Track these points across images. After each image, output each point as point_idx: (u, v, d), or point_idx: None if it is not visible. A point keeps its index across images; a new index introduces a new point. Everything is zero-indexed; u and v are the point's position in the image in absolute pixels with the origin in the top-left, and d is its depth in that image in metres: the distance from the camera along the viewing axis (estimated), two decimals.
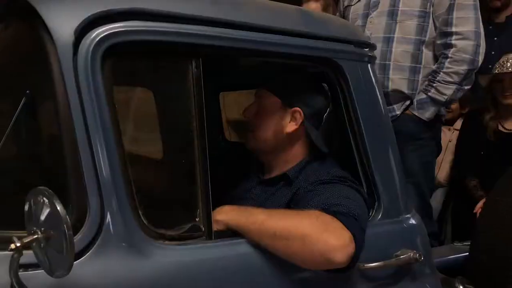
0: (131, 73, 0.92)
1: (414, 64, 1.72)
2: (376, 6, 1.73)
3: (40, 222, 0.63)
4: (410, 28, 1.69)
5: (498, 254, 1.23)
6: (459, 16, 1.67)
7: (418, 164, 1.71)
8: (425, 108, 1.73)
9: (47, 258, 0.64)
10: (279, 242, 0.87)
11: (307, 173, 1.11)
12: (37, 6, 0.83)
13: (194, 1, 0.97)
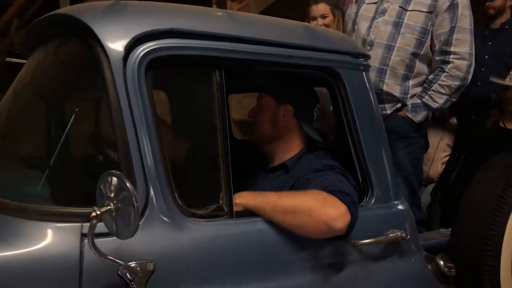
0: (168, 80, 1.11)
1: (407, 72, 1.91)
2: (383, 13, 1.90)
3: (109, 197, 0.82)
4: (410, 41, 1.87)
5: (475, 235, 1.43)
6: (458, 38, 1.87)
7: (408, 160, 1.90)
8: (418, 111, 1.93)
9: (115, 225, 0.83)
10: (289, 216, 1.07)
11: (302, 163, 1.32)
12: (93, 26, 1.03)
13: (218, 21, 1.17)
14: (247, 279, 1.05)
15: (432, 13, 1.86)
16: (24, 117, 1.29)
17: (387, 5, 1.91)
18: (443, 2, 1.85)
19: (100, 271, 0.91)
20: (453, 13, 1.85)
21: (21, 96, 1.33)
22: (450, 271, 1.36)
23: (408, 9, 1.87)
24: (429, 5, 1.86)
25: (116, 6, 1.11)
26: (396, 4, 1.89)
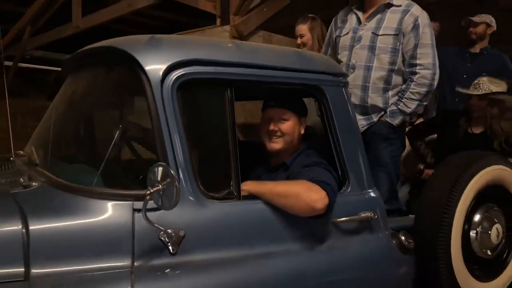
0: (193, 97, 1.47)
1: (386, 85, 2.27)
2: (359, 41, 2.27)
3: (158, 181, 1.18)
4: (384, 60, 2.24)
5: (432, 219, 1.79)
6: (421, 52, 2.22)
7: (388, 157, 2.26)
8: (395, 116, 2.28)
9: (161, 200, 1.19)
10: (282, 199, 1.44)
11: (297, 161, 1.69)
12: (137, 56, 1.40)
13: (228, 51, 1.55)
14: (250, 244, 1.41)
15: (398, 35, 2.22)
16: (82, 124, 1.66)
17: (362, 32, 2.27)
18: (407, 24, 2.22)
19: (146, 235, 1.27)
20: (416, 32, 2.21)
21: (74, 107, 1.70)
22: (409, 244, 1.73)
23: (379, 34, 2.24)
24: (395, 28, 2.22)
25: (153, 40, 1.48)
26: (369, 31, 2.26)
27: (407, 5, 2.26)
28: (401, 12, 2.24)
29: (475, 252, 1.91)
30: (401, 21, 2.22)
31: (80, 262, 1.19)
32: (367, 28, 2.28)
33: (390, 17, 2.25)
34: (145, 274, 1.23)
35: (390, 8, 2.27)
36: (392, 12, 2.26)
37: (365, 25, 2.29)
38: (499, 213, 1.96)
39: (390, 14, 2.26)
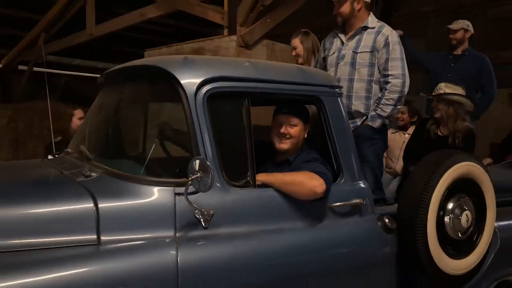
0: (219, 106, 1.85)
1: (367, 94, 2.68)
2: (343, 58, 2.71)
3: (196, 170, 1.56)
4: (363, 73, 2.67)
5: (411, 205, 2.16)
6: (392, 64, 2.64)
7: (372, 155, 2.66)
8: (375, 120, 2.68)
9: (199, 185, 1.57)
10: (289, 186, 1.82)
11: (299, 157, 2.07)
12: (175, 73, 1.77)
13: (246, 69, 1.93)
14: (264, 222, 1.79)
15: (373, 51, 2.66)
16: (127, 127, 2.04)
17: (344, 51, 2.72)
18: (380, 43, 2.65)
19: (184, 213, 1.65)
20: (387, 49, 2.64)
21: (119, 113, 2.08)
22: (392, 226, 2.11)
23: (357, 51, 2.68)
24: (371, 46, 2.66)
25: (186, 60, 1.86)
26: (350, 50, 2.70)
27: (380, 27, 2.71)
28: (374, 33, 2.69)
29: (448, 234, 2.28)
30: (375, 40, 2.67)
31: (137, 232, 1.57)
32: (348, 47, 2.72)
33: (366, 37, 2.70)
34: (184, 242, 1.60)
35: (366, 30, 2.72)
36: (368, 33, 2.71)
37: (347, 45, 2.74)
38: (469, 202, 2.34)
39: (366, 35, 2.71)
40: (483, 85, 3.90)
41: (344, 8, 2.74)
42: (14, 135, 6.19)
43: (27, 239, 1.44)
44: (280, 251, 1.78)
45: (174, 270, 1.51)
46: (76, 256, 1.44)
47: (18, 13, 7.52)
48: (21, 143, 6.18)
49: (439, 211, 2.24)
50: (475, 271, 2.42)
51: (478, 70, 3.89)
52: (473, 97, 3.90)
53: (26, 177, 1.96)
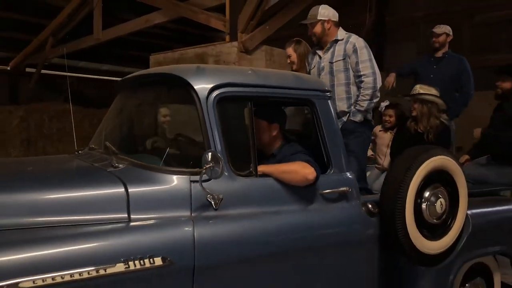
0: (227, 108, 2.18)
1: (347, 95, 3.15)
2: (323, 70, 3.21)
3: (209, 161, 1.89)
4: (341, 78, 3.15)
5: (392, 192, 2.50)
6: (362, 66, 3.11)
7: (356, 146, 3.08)
8: (356, 115, 3.12)
9: (211, 173, 1.90)
10: (285, 175, 2.15)
11: (283, 150, 2.40)
12: (190, 80, 2.11)
13: (249, 76, 2.26)
14: (264, 205, 2.12)
15: (345, 58, 3.14)
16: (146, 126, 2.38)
17: (323, 64, 3.22)
18: (349, 50, 3.13)
19: (198, 197, 1.97)
20: (356, 54, 3.12)
21: (138, 114, 2.42)
22: (374, 210, 2.45)
23: (333, 61, 3.18)
24: (342, 54, 3.15)
25: (199, 69, 2.19)
26: (327, 61, 3.20)
27: (347, 37, 3.21)
28: (344, 43, 3.19)
29: (424, 219, 2.62)
30: (345, 49, 3.16)
31: (160, 212, 1.90)
32: (325, 60, 3.23)
33: (338, 48, 3.20)
34: (199, 221, 1.93)
35: (337, 42, 3.22)
36: (338, 44, 3.21)
37: (324, 58, 3.25)
38: (443, 191, 2.68)
39: (338, 46, 3.21)
40: (461, 85, 4.25)
41: (316, 29, 3.25)
42: (26, 134, 6.52)
43: (73, 216, 1.77)
44: (278, 230, 2.12)
45: (191, 243, 1.84)
46: (112, 230, 1.77)
47: (26, 18, 7.85)
48: (32, 142, 6.50)
49: (416, 199, 2.58)
50: (449, 251, 2.75)
51: (457, 71, 4.24)
52: (454, 96, 4.26)
53: (64, 168, 2.30)
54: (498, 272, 3.23)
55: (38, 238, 1.63)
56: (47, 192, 1.84)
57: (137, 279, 1.70)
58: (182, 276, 1.80)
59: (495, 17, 6.74)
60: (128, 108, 2.59)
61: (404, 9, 7.69)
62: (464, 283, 3.06)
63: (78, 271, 1.58)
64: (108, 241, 1.72)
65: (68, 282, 1.56)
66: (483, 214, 3.06)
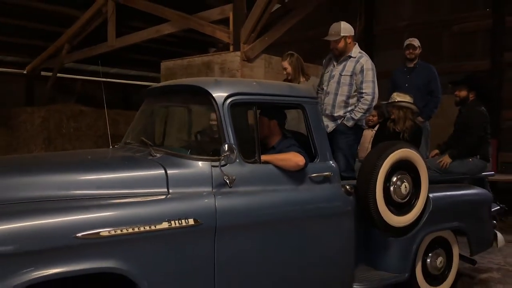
0: (237, 111, 2.86)
1: (345, 105, 3.82)
2: (333, 78, 3.86)
3: (226, 150, 2.57)
4: (344, 90, 3.81)
5: (365, 177, 3.20)
6: (365, 85, 3.77)
7: (345, 145, 3.77)
8: (349, 121, 3.79)
9: (227, 160, 2.58)
10: (282, 162, 2.84)
11: (280, 144, 3.09)
12: (210, 90, 2.80)
13: (253, 86, 2.96)
14: (265, 185, 2.81)
15: (352, 75, 3.78)
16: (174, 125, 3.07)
17: (334, 73, 3.86)
18: (357, 68, 3.76)
19: (217, 178, 2.65)
20: (362, 73, 3.76)
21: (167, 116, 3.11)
22: (351, 190, 3.15)
23: (342, 74, 3.82)
24: (351, 71, 3.79)
25: (217, 81, 2.89)
26: (338, 72, 3.84)
27: (359, 57, 3.83)
28: (355, 61, 3.81)
29: (392, 198, 3.31)
30: (354, 67, 3.79)
31: (190, 187, 2.58)
32: (337, 70, 3.87)
33: (349, 64, 3.83)
34: (218, 194, 2.61)
35: (349, 59, 3.84)
36: (350, 61, 3.84)
37: (337, 68, 3.89)
38: (407, 176, 3.38)
39: (349, 62, 3.84)
40: (432, 91, 4.95)
41: (340, 44, 3.84)
42: (46, 133, 7.18)
43: (129, 190, 2.46)
44: (275, 203, 2.81)
45: (213, 210, 2.52)
46: (158, 200, 2.46)
47: (42, 26, 8.51)
48: (52, 140, 7.17)
49: (385, 182, 3.27)
50: (413, 225, 3.45)
51: (428, 78, 4.95)
52: (427, 100, 4.97)
53: (115, 156, 2.99)
54: (456, 245, 3.94)
55: (110, 203, 2.31)
56: (110, 173, 2.53)
57: (176, 234, 2.39)
58: (208, 232, 2.48)
59: (470, 28, 7.45)
60: (157, 110, 3.29)
61: (390, 19, 8.40)
62: (428, 253, 3.76)
63: (137, 226, 2.27)
64: (156, 207, 2.41)
65: (131, 234, 2.24)
66: (442, 196, 3.77)
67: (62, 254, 2.11)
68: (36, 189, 2.29)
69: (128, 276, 2.24)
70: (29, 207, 2.17)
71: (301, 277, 2.92)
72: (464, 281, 4.24)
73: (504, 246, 5.34)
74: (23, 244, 2.02)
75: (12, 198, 2.21)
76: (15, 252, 2.00)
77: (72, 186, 2.37)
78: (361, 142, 4.94)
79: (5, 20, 7.90)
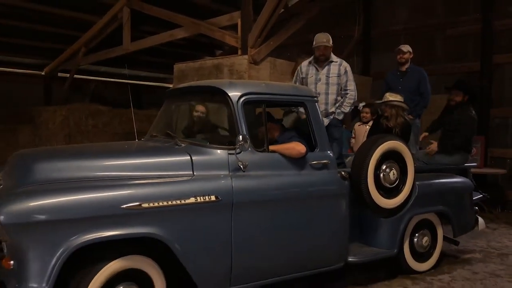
0: (249, 108, 3.39)
1: (335, 102, 4.48)
2: (319, 80, 4.48)
3: (240, 140, 3.09)
4: (334, 89, 4.47)
5: (358, 166, 3.72)
6: (349, 84, 4.47)
7: (338, 135, 4.45)
8: (340, 115, 4.49)
9: (241, 148, 3.11)
10: (286, 150, 3.38)
11: (282, 136, 3.62)
12: (226, 91, 3.34)
13: (263, 87, 3.49)
14: (272, 170, 3.34)
15: (339, 76, 4.46)
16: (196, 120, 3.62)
17: (320, 76, 4.50)
18: (342, 70, 4.48)
19: (233, 163, 3.18)
20: (346, 75, 4.50)
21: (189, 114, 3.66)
22: (346, 176, 3.68)
23: (329, 76, 4.48)
24: (337, 73, 4.48)
25: (232, 83, 3.43)
26: (324, 75, 4.48)
27: (340, 62, 4.56)
28: (338, 65, 4.53)
29: (382, 183, 3.84)
30: (339, 69, 4.48)
31: (211, 171, 3.11)
32: (322, 73, 4.53)
33: (333, 67, 4.52)
34: (234, 177, 3.14)
35: (332, 63, 4.54)
36: (333, 65, 4.54)
37: (321, 72, 4.53)
38: (395, 164, 3.90)
39: (333, 66, 4.53)
40: (421, 92, 5.47)
41: (328, 51, 4.56)
42: (67, 130, 7.74)
43: (162, 172, 2.99)
44: (281, 185, 3.34)
45: (230, 188, 3.05)
46: (186, 180, 3.00)
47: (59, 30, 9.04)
48: (72, 137, 7.73)
49: (375, 169, 3.80)
50: (401, 207, 3.98)
51: (418, 81, 5.47)
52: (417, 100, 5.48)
53: (149, 146, 3.53)
54: (440, 227, 4.46)
55: (148, 182, 2.85)
56: (146, 158, 3.09)
57: (201, 207, 2.92)
58: (226, 207, 3.02)
59: (462, 31, 7.95)
60: (179, 108, 3.83)
61: (386, 23, 8.90)
62: (415, 233, 4.29)
63: (170, 200, 2.80)
64: (185, 186, 2.95)
65: (165, 206, 2.78)
66: (427, 183, 4.30)
67: (111, 222, 2.64)
68: (90, 170, 2.84)
69: (163, 241, 2.78)
70: (87, 184, 2.71)
71: (303, 248, 3.45)
72: (449, 260, 4.76)
73: (489, 232, 5.88)
74: (82, 212, 2.56)
75: (73, 177, 2.76)
76: (76, 218, 2.55)
77: (118, 168, 2.92)
78: (356, 136, 5.49)
79: (25, 25, 8.43)
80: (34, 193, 2.55)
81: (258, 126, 3.50)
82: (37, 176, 2.75)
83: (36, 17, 8.32)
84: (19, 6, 7.69)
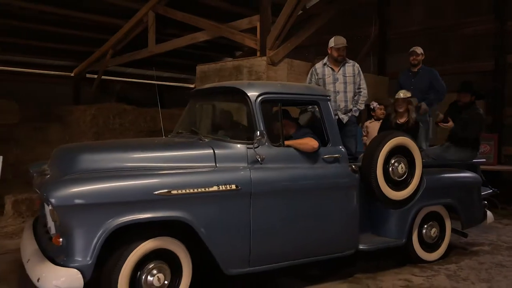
0: (266, 107, 3.72)
1: (353, 100, 4.81)
2: (337, 80, 4.81)
3: (258, 135, 3.42)
4: (351, 88, 4.80)
5: (368, 160, 4.00)
6: (362, 83, 4.83)
7: (355, 131, 4.79)
8: (356, 112, 4.81)
9: (259, 143, 3.43)
10: (301, 145, 3.69)
11: (296, 133, 3.93)
12: (245, 91, 3.67)
13: (278, 87, 3.82)
14: (288, 163, 3.65)
15: (355, 76, 4.80)
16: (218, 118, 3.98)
17: (337, 76, 4.79)
18: (356, 71, 4.84)
19: (251, 156, 3.51)
20: (359, 75, 4.84)
21: (212, 111, 4.02)
22: (356, 169, 3.97)
23: (346, 75, 4.79)
24: (352, 73, 4.81)
25: (250, 83, 3.76)
26: (341, 75, 4.79)
27: (353, 63, 4.90)
28: (352, 65, 4.88)
29: (391, 176, 4.11)
30: (353, 69, 4.83)
31: (231, 163, 3.45)
32: (339, 74, 4.85)
33: (348, 68, 4.86)
34: (252, 169, 3.47)
35: (346, 64, 4.88)
36: (347, 66, 4.89)
37: (338, 72, 4.86)
38: (403, 159, 4.17)
39: (347, 67, 4.88)
40: (437, 90, 5.72)
41: (345, 53, 4.89)
42: (96, 128, 8.21)
43: (189, 164, 3.35)
44: (295, 177, 3.65)
45: (249, 179, 3.38)
46: (209, 171, 3.34)
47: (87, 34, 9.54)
48: (101, 135, 8.19)
49: (384, 163, 4.08)
50: (409, 199, 4.24)
51: (430, 80, 5.71)
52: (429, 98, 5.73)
53: (176, 141, 3.89)
54: (448, 219, 4.70)
55: (177, 172, 3.22)
56: (174, 151, 3.45)
57: (223, 195, 3.26)
58: (245, 195, 3.35)
59: (475, 31, 8.09)
60: (202, 107, 4.18)
61: (402, 24, 9.10)
62: (423, 224, 4.54)
63: (196, 188, 3.15)
64: (209, 175, 3.29)
65: (192, 193, 3.13)
66: (435, 177, 4.55)
67: (144, 206, 3.01)
68: (126, 161, 3.23)
69: (190, 224, 3.13)
70: (123, 173, 3.09)
71: (316, 235, 3.76)
72: (457, 251, 4.98)
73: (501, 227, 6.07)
74: (120, 197, 2.94)
75: (111, 167, 3.15)
76: (114, 202, 2.92)
77: (149, 160, 3.30)
78: (370, 132, 5.76)
79: (56, 29, 8.93)
80: (79, 180, 2.93)
81: (275, 123, 3.82)
82: (80, 166, 3.14)
83: (66, 21, 8.81)
84: (51, 12, 8.18)
